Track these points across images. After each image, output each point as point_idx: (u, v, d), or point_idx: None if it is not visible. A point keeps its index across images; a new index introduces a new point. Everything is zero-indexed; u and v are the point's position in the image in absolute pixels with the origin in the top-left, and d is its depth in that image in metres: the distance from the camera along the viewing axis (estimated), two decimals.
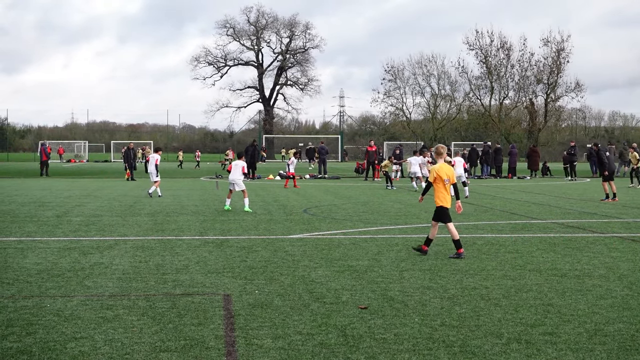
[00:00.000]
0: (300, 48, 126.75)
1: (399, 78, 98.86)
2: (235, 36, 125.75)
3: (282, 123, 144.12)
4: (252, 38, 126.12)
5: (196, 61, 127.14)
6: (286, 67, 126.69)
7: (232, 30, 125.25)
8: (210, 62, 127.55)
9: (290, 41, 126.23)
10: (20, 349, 7.96)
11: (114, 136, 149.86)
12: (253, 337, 8.50)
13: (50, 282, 11.73)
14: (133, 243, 16.31)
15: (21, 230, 18.56)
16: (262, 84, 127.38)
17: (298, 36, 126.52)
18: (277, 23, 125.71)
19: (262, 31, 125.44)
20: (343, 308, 10.05)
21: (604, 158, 29.80)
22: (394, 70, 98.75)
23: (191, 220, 21.00)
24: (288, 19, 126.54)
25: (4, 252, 14.84)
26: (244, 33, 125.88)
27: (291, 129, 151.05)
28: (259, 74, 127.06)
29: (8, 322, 9.13)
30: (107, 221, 20.75)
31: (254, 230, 18.78)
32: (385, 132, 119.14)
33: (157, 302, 10.34)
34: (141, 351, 7.93)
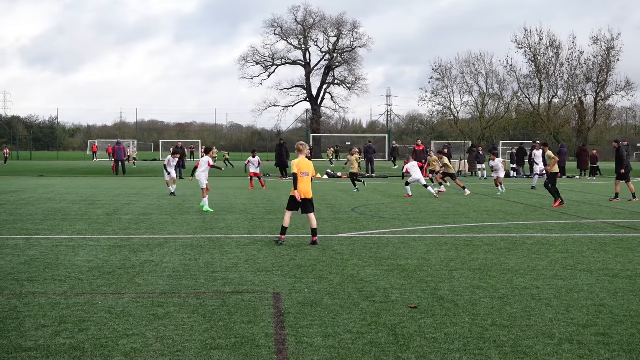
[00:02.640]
0: (347, 47, 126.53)
1: (446, 77, 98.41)
2: (282, 35, 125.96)
3: (329, 122, 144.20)
4: (299, 37, 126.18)
5: (244, 60, 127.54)
6: (333, 66, 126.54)
7: (280, 29, 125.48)
8: (258, 62, 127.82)
9: (337, 40, 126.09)
10: (73, 345, 8.05)
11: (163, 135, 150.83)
12: (303, 336, 8.51)
13: (102, 280, 11.83)
14: (183, 241, 16.41)
15: (72, 228, 18.76)
16: (309, 83, 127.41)
17: (345, 35, 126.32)
18: (324, 22, 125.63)
19: (310, 30, 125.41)
20: (393, 307, 10.02)
21: (623, 156, 29.42)
22: (441, 69, 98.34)
23: (240, 219, 21.07)
24: (335, 18, 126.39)
25: (56, 250, 15.00)
26: (291, 32, 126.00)
27: (338, 128, 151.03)
28: (306, 73, 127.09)
29: (61, 318, 9.23)
30: (157, 219, 20.89)
31: (303, 229, 18.79)
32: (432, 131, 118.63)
33: (208, 300, 10.39)
34: (192, 348, 7.97)
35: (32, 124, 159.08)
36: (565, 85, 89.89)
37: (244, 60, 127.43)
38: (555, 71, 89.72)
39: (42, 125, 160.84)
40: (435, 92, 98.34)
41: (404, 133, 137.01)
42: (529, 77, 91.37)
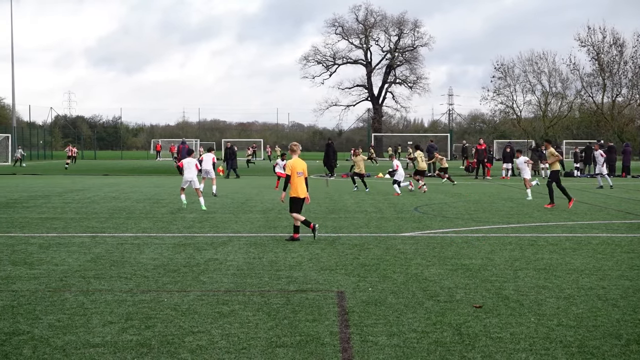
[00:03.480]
0: (408, 46, 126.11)
1: (509, 75, 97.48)
2: (344, 35, 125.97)
3: (390, 121, 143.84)
4: (360, 36, 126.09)
5: (305, 60, 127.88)
6: (395, 66, 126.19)
7: (341, 28, 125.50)
8: (319, 61, 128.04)
9: (398, 39, 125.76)
10: (140, 342, 8.13)
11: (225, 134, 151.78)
12: (368, 334, 8.50)
13: (167, 277, 11.94)
14: (246, 239, 16.49)
15: (137, 226, 18.96)
16: (370, 82, 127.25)
17: (407, 34, 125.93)
18: (385, 21, 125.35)
19: (371, 29, 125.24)
20: (457, 306, 9.96)
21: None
22: (503, 68, 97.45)
23: None
24: (397, 17, 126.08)
25: (121, 248, 15.19)
26: (352, 31, 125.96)
27: (399, 127, 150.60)
28: (367, 73, 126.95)
29: (127, 315, 9.33)
30: (220, 218, 21.03)
31: (366, 228, 18.78)
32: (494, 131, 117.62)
33: (272, 298, 10.43)
34: (257, 346, 8.00)
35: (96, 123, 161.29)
36: (630, 83, 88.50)
37: (305, 59, 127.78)
38: (619, 69, 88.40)
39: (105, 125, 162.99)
40: (498, 91, 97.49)
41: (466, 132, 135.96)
42: (592, 75, 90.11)
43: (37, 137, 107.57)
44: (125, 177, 47.56)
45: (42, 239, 16.44)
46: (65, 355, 7.63)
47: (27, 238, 16.62)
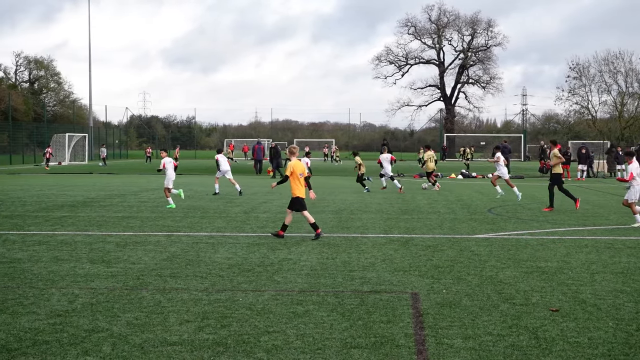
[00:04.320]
0: (482, 46, 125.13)
1: (584, 75, 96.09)
2: (416, 35, 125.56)
3: (462, 122, 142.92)
4: (433, 36, 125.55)
5: (378, 60, 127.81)
6: (468, 65, 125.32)
7: (414, 28, 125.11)
8: (392, 61, 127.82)
9: (472, 39, 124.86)
10: (216, 341, 8.21)
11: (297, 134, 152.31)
12: (443, 337, 8.46)
13: (241, 277, 12.04)
14: (319, 240, 16.52)
15: (211, 225, 19.14)
16: (443, 82, 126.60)
17: (480, 34, 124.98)
18: (458, 21, 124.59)
19: (444, 29, 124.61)
20: (533, 310, 9.87)
21: None
22: (579, 68, 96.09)
23: (375, 218, 21.10)
24: (470, 16, 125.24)
25: (196, 247, 15.35)
26: (425, 31, 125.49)
27: (472, 128, 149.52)
28: (440, 72, 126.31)
29: (203, 314, 9.43)
30: (293, 218, 21.05)
31: (439, 229, 18.70)
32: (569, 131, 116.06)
33: (346, 298, 10.44)
34: (332, 347, 8.02)
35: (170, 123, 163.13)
36: None
37: (377, 60, 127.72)
38: None
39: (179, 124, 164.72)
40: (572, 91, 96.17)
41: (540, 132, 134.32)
42: None
43: (113, 137, 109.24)
44: (199, 177, 48.09)
45: (119, 238, 16.69)
46: (144, 353, 7.73)
47: (105, 236, 16.90)
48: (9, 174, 50.85)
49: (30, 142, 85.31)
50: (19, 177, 46.53)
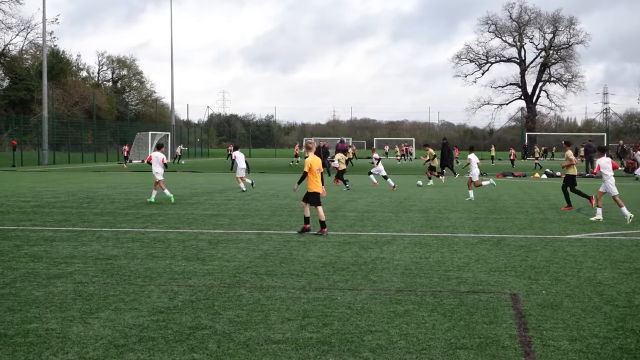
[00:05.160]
0: (564, 44, 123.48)
1: None
2: (497, 33, 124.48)
3: (543, 120, 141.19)
4: (514, 34, 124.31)
5: (458, 58, 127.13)
6: (549, 64, 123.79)
7: (494, 26, 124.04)
8: (472, 59, 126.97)
9: (553, 37, 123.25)
10: (319, 340, 8.20)
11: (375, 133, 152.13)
12: (548, 338, 8.33)
13: (337, 275, 12.02)
14: (410, 239, 16.45)
15: (300, 224, 19.15)
16: (524, 81, 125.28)
17: (562, 32, 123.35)
18: (540, 19, 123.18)
19: (525, 27, 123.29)
20: (638, 312, 9.66)
21: None
22: None
23: (463, 218, 20.93)
24: (551, 14, 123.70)
25: (288, 245, 15.39)
26: (506, 29, 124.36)
27: (552, 127, 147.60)
28: (521, 71, 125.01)
29: (304, 312, 9.43)
30: (381, 217, 21.06)
31: (529, 229, 18.46)
32: None
33: (444, 298, 10.35)
34: (437, 347, 7.96)
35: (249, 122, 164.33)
36: None
37: (457, 58, 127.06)
38: None
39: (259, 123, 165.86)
40: None
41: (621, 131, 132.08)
42: None
43: (194, 135, 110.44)
44: (280, 175, 48.32)
45: (210, 235, 16.84)
46: (249, 351, 7.76)
47: (196, 234, 17.06)
48: (94, 172, 51.77)
49: (114, 141, 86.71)
50: (104, 175, 47.30)
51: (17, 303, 9.90)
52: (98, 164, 72.04)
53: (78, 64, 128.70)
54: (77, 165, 68.60)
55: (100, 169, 57.45)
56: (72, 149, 79.33)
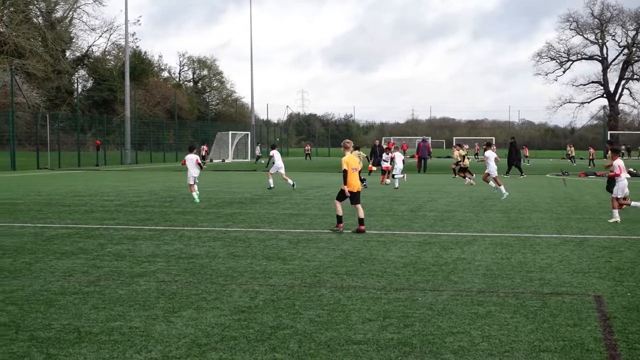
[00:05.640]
0: None
1: None
2: (578, 30, 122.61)
3: (626, 119, 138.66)
4: (595, 32, 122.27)
5: (538, 57, 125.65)
6: (632, 61, 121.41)
7: (576, 24, 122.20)
8: (553, 57, 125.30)
9: (636, 34, 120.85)
10: (400, 341, 8.16)
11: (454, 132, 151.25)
12: (635, 342, 8.18)
13: (417, 276, 11.97)
14: (491, 239, 16.30)
15: (380, 223, 19.16)
16: (606, 79, 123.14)
17: None
18: (622, 15, 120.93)
19: (607, 24, 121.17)
20: None
21: None
22: None
23: (545, 218, 20.65)
24: (634, 10, 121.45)
25: (368, 245, 15.38)
26: (587, 27, 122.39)
27: (635, 125, 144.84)
28: (603, 69, 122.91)
29: (384, 313, 9.40)
30: (461, 217, 20.91)
31: (613, 229, 18.13)
32: None
33: (527, 300, 10.23)
34: (520, 349, 7.86)
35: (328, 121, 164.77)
36: None
37: (538, 56, 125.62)
38: None
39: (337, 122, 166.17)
40: None
41: None
42: None
43: (273, 135, 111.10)
44: None
45: (291, 235, 16.91)
46: (330, 351, 7.76)
47: (276, 233, 17.15)
48: (175, 171, 52.43)
49: (195, 140, 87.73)
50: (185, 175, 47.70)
51: (101, 301, 10.07)
52: (179, 163, 72.93)
53: (159, 64, 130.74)
54: (158, 164, 69.62)
55: (181, 169, 58.13)
56: (154, 149, 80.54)
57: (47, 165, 58.40)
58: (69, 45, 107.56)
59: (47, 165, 58.37)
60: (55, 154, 61.65)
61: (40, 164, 57.94)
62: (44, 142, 62.03)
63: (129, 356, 7.56)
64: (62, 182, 38.99)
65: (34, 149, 62.23)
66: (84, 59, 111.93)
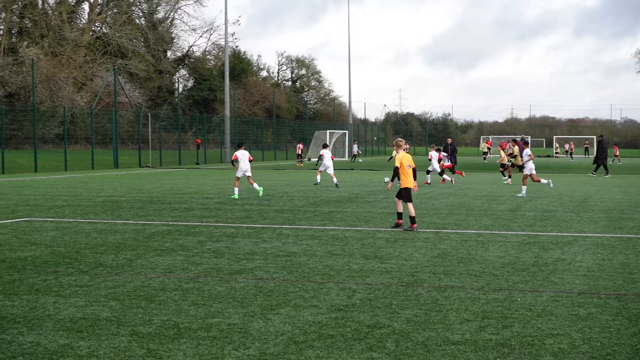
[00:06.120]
0: None
1: None
2: None
3: None
4: None
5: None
6: None
7: None
8: None
9: None
10: (499, 342, 8.07)
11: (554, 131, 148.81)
12: None
13: (516, 276, 11.81)
14: (592, 240, 15.99)
15: (478, 223, 18.97)
16: None
17: None
18: None
19: None
20: None
21: None
22: None
23: None
24: None
25: (466, 245, 15.24)
26: None
27: None
28: None
29: (482, 313, 9.31)
30: (561, 217, 20.57)
31: None
32: None
33: (629, 302, 10.01)
34: (622, 353, 7.70)
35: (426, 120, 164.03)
36: None
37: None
38: None
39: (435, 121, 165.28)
40: None
41: None
42: None
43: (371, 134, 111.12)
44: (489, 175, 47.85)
45: (388, 234, 16.87)
46: (428, 351, 7.72)
47: (374, 232, 17.14)
48: (273, 170, 52.87)
49: (293, 139, 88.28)
50: (283, 173, 48.23)
51: (200, 297, 10.21)
52: (278, 162, 73.59)
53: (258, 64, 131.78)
54: (257, 163, 70.28)
55: (279, 167, 58.63)
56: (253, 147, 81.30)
57: (149, 163, 59.52)
58: (170, 46, 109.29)
59: (148, 163, 59.49)
60: (156, 152, 62.81)
61: (142, 162, 59.07)
62: (146, 141, 63.28)
63: (227, 353, 7.65)
64: (163, 180, 39.68)
65: (136, 147, 63.54)
66: (184, 59, 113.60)
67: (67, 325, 8.68)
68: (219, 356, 7.53)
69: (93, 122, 59.09)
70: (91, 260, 13.20)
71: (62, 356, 7.50)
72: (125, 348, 7.78)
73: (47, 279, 11.49)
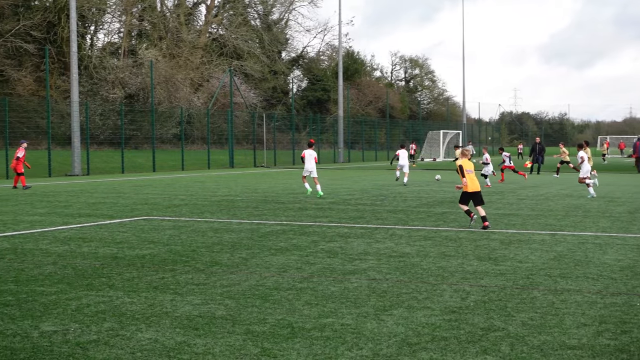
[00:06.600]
0: None
1: None
2: None
3: None
4: None
5: None
6: None
7: None
8: None
9: None
10: (617, 347, 7.88)
11: None
12: None
13: (635, 280, 11.53)
14: None
15: (595, 225, 18.58)
16: None
17: None
18: None
19: None
20: None
21: None
22: None
23: None
24: None
25: (583, 247, 14.93)
26: None
27: None
28: None
29: (600, 318, 9.11)
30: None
31: None
32: None
33: None
34: None
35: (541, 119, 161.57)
36: None
37: None
38: None
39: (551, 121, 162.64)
40: None
41: None
42: None
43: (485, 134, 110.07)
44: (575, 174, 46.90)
45: (503, 235, 16.67)
46: (543, 355, 7.59)
47: (488, 233, 16.95)
48: (386, 170, 52.79)
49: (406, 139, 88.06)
50: None
51: (314, 297, 10.27)
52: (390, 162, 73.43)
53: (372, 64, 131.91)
54: (370, 163, 70.35)
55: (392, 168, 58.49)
56: (366, 147, 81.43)
57: (263, 163, 60.20)
58: (285, 46, 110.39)
59: (263, 163, 60.17)
60: (270, 152, 63.47)
61: (256, 161, 59.78)
62: (260, 141, 64.03)
63: (340, 353, 7.67)
64: (277, 179, 40.12)
65: (250, 147, 64.40)
66: (298, 60, 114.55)
67: (184, 322, 8.85)
68: (332, 356, 7.56)
69: (209, 122, 60.14)
70: (207, 259, 13.43)
71: (179, 353, 7.64)
72: (240, 346, 7.88)
73: (165, 277, 11.74)
